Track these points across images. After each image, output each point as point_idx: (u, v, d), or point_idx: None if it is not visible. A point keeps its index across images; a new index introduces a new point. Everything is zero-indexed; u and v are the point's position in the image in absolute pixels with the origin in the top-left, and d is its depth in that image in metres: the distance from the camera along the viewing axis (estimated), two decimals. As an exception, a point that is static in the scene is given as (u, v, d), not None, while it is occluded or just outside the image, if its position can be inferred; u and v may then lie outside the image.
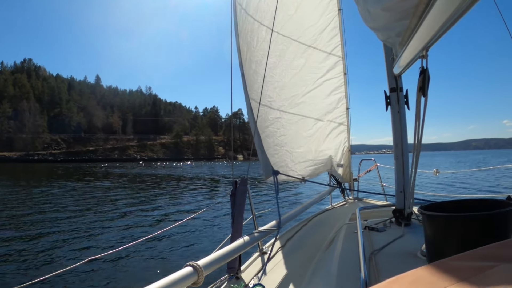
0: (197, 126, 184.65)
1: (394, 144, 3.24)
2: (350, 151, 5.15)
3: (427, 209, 1.89)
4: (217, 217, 11.42)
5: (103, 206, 14.74)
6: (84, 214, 12.61)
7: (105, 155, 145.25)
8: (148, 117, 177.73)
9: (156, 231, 3.49)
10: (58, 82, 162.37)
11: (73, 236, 9.08)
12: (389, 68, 3.16)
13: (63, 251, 7.65)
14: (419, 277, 0.83)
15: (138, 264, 6.59)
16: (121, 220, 11.62)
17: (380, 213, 3.58)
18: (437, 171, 5.07)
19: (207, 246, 7.70)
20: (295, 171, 4.40)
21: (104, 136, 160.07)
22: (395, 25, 1.67)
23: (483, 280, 0.75)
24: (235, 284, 2.40)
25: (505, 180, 22.28)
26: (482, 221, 1.62)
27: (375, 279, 1.91)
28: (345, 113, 5.00)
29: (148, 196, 18.61)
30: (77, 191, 21.29)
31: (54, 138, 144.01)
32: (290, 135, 4.34)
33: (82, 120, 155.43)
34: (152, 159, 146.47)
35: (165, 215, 12.62)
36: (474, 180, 23.45)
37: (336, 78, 4.74)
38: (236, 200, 2.89)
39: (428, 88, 1.88)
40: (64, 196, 18.66)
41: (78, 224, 10.70)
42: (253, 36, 3.67)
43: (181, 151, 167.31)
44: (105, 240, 8.62)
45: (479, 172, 29.10)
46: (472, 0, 1.15)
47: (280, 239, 3.57)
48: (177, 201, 16.47)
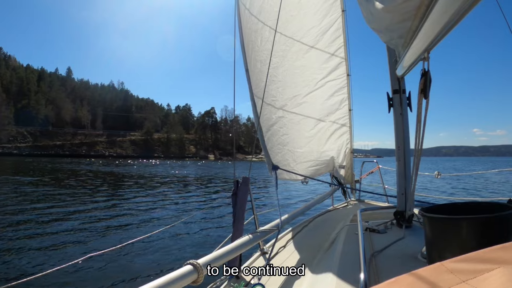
0: (169, 124, 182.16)
1: (396, 146, 3.26)
2: (352, 152, 5.19)
3: (428, 211, 1.91)
4: (218, 217, 11.40)
5: (103, 203, 14.35)
6: (86, 211, 12.39)
7: (73, 150, 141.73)
8: (118, 113, 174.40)
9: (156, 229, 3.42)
10: (28, 72, 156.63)
11: (74, 233, 8.92)
12: (392, 70, 3.18)
13: (66, 247, 7.58)
14: (418, 279, 0.84)
15: (138, 262, 6.51)
16: (121, 218, 11.43)
17: (381, 215, 3.63)
18: (439, 173, 5.16)
19: (207, 245, 7.67)
20: (297, 170, 4.40)
21: (72, 130, 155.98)
22: (397, 26, 1.68)
23: (482, 282, 0.76)
24: (235, 283, 2.37)
25: (507, 184, 23.18)
26: (482, 223, 1.64)
27: (375, 281, 1.92)
28: (348, 114, 5.02)
29: (146, 195, 18.18)
30: (75, 189, 20.42)
31: (20, 131, 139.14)
32: (292, 135, 4.34)
33: (50, 113, 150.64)
34: (121, 155, 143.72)
35: (164, 214, 12.39)
36: (476, 183, 24.28)
37: (339, 79, 4.76)
38: (238, 199, 2.88)
39: (429, 90, 1.89)
40: (60, 192, 18.12)
41: (81, 220, 10.54)
42: (257, 36, 3.67)
43: (151, 149, 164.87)
44: (104, 238, 8.47)
45: (480, 175, 30.10)
46: (471, 4, 1.16)
47: (281, 239, 3.56)
48: (176, 200, 16.16)
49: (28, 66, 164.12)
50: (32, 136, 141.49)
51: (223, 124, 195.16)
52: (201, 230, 9.35)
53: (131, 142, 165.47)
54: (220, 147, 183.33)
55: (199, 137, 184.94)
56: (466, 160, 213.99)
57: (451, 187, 21.68)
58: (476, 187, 22.18)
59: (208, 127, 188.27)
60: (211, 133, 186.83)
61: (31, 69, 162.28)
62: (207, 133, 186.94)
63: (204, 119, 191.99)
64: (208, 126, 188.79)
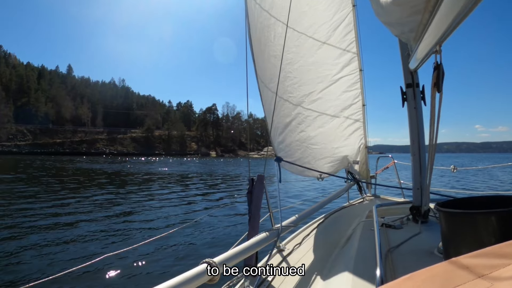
0: (170, 121, 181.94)
1: (411, 140, 3.24)
2: (367, 148, 5.17)
3: (443, 206, 1.89)
4: (232, 215, 11.32)
5: (110, 203, 14.24)
6: (103, 210, 12.38)
7: (73, 148, 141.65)
8: (119, 110, 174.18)
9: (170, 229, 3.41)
10: (28, 70, 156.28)
11: (91, 233, 8.88)
12: (404, 64, 3.15)
13: (81, 247, 7.56)
14: (434, 275, 0.82)
15: (154, 261, 6.50)
16: (137, 216, 11.46)
17: (397, 210, 3.61)
18: (455, 167, 5.13)
19: (223, 244, 7.66)
20: (316, 168, 4.39)
21: (72, 128, 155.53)
22: (408, 20, 1.67)
23: (498, 277, 0.75)
24: (251, 281, 2.36)
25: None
26: (499, 218, 1.60)
27: (392, 277, 1.91)
28: (361, 109, 5.00)
29: (161, 193, 18.00)
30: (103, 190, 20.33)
31: (20, 129, 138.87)
32: (309, 131, 4.33)
33: (50, 111, 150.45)
34: (121, 153, 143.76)
35: (178, 212, 12.37)
36: (492, 177, 24.30)
37: (352, 74, 4.73)
38: (253, 197, 2.88)
39: (442, 84, 1.87)
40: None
41: (91, 221, 10.45)
42: (270, 31, 3.64)
43: (152, 146, 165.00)
44: (119, 238, 8.44)
45: (496, 168, 30.04)
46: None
47: (297, 236, 3.55)
48: (190, 199, 15.99)
49: (28, 64, 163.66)
50: (31, 134, 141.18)
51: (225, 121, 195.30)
52: (216, 229, 9.33)
53: (131, 139, 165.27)
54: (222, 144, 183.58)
55: (201, 134, 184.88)
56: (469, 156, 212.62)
57: (467, 182, 21.63)
58: (491, 182, 22.13)
59: (210, 124, 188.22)
60: (212, 130, 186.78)
61: (31, 67, 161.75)
62: (209, 130, 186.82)
63: (205, 116, 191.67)
64: (209, 123, 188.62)
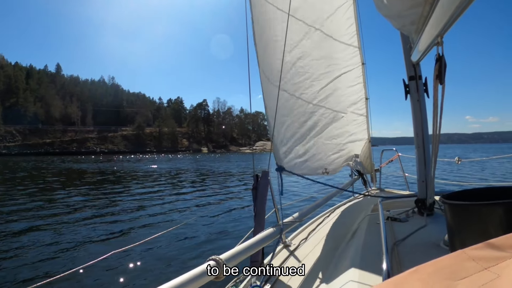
0: (161, 118, 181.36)
1: (415, 133, 3.24)
2: (370, 141, 5.16)
3: (448, 198, 1.87)
4: (239, 211, 11.32)
5: (106, 201, 14.12)
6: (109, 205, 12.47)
7: (63, 148, 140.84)
8: (109, 108, 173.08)
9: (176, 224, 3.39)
10: (16, 70, 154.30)
11: (91, 231, 8.82)
12: (407, 56, 3.16)
13: (87, 245, 7.54)
14: (440, 267, 0.82)
15: (159, 258, 6.47)
16: (142, 211, 11.47)
17: (402, 203, 3.60)
18: (459, 159, 5.14)
19: (229, 240, 7.67)
20: (327, 164, 4.41)
21: (62, 127, 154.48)
22: (408, 12, 1.67)
23: (504, 269, 0.75)
24: (257, 278, 2.34)
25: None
26: (505, 209, 1.56)
27: (398, 270, 1.90)
28: (365, 103, 4.99)
29: (164, 190, 18.00)
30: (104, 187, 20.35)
31: (9, 130, 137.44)
32: (320, 128, 4.27)
33: (39, 111, 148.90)
34: (112, 151, 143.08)
35: (183, 208, 12.36)
36: (498, 168, 24.41)
37: (355, 68, 4.71)
38: (258, 193, 2.84)
39: (445, 76, 1.85)
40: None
41: (93, 219, 10.40)
42: (277, 25, 3.55)
43: (143, 143, 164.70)
44: (124, 235, 8.45)
45: (502, 159, 30.09)
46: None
47: (303, 232, 3.57)
48: (194, 195, 16.03)
49: (17, 63, 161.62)
50: (21, 135, 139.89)
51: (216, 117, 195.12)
52: (220, 225, 9.33)
53: (122, 138, 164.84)
54: (213, 140, 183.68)
55: (192, 130, 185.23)
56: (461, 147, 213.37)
57: (472, 173, 21.76)
58: (494, 173, 22.26)
59: (201, 120, 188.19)
60: (203, 126, 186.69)
61: (19, 67, 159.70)
62: (200, 126, 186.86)
63: (196, 112, 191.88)
64: (200, 119, 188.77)
